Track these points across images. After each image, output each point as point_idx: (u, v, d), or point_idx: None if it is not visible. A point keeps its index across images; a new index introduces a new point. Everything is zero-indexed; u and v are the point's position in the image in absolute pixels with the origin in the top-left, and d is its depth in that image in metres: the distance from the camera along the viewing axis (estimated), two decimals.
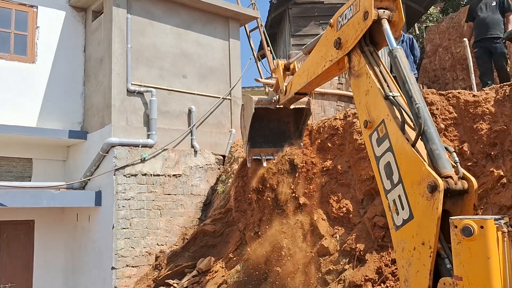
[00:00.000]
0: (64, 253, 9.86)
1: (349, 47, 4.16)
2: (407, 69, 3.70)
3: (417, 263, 3.20)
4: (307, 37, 16.66)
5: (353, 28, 4.09)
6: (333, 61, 4.47)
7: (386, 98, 3.67)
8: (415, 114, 3.45)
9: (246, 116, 6.66)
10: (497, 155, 5.49)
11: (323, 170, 7.09)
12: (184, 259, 7.92)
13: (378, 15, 3.85)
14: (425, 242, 3.15)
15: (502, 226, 2.77)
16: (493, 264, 2.70)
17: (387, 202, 3.54)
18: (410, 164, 3.33)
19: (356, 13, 4.02)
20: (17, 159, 9.56)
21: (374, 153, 3.74)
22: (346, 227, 6.46)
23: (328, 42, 4.53)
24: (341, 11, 4.30)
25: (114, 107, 8.63)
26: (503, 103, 5.61)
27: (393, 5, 3.95)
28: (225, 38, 10.51)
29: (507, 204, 5.20)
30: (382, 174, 3.62)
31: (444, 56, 12.55)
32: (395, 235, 3.43)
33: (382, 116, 3.64)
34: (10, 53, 9.18)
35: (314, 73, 4.97)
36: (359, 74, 4.04)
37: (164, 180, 8.92)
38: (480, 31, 7.88)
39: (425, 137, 3.37)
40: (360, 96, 3.98)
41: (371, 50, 4.07)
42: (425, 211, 3.15)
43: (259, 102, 6.40)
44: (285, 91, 6.05)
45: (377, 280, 5.61)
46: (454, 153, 3.40)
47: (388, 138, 3.56)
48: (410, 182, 3.31)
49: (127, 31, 8.97)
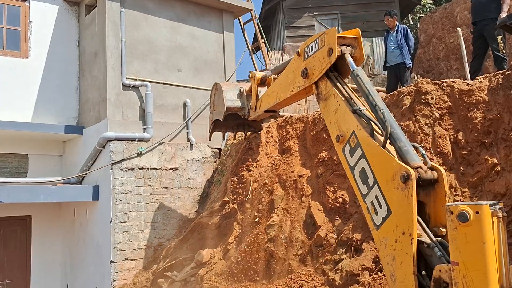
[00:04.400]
0: (62, 248, 9.87)
1: (315, 78, 4.51)
2: (369, 84, 4.04)
3: (400, 254, 3.32)
4: (301, 29, 16.66)
5: (319, 62, 4.42)
6: (300, 88, 4.83)
7: (354, 112, 3.98)
8: (381, 120, 3.72)
9: (216, 103, 7.19)
10: (491, 143, 5.55)
11: (319, 161, 7.13)
12: (183, 252, 7.96)
13: (341, 52, 4.23)
14: (405, 231, 3.28)
15: (497, 211, 2.82)
16: (489, 248, 2.75)
17: (365, 206, 3.73)
18: (383, 163, 3.54)
19: (322, 48, 4.36)
20: (13, 155, 9.53)
21: (348, 164, 3.97)
22: (342, 217, 6.51)
23: (296, 69, 4.88)
24: (308, 42, 4.65)
25: (109, 101, 8.62)
26: (497, 91, 5.67)
27: (355, 42, 4.33)
28: (219, 31, 10.49)
29: (501, 191, 5.27)
30: (358, 181, 3.84)
31: (438, 46, 12.60)
32: (377, 235, 3.59)
33: (352, 128, 3.91)
34: (3, 48, 9.12)
35: (283, 96, 5.33)
36: (327, 97, 4.35)
37: (161, 174, 8.94)
38: (473, 15, 7.92)
39: (393, 138, 3.65)
40: (330, 116, 4.26)
41: (336, 75, 4.39)
42: (402, 202, 3.31)
43: (229, 109, 6.86)
44: (255, 108, 6.31)
45: (374, 269, 5.68)
46: (420, 148, 3.65)
47: (360, 146, 3.81)
48: (385, 180, 3.50)
49: (121, 25, 8.93)
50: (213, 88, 7.48)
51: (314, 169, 7.17)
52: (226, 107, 6.77)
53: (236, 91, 6.93)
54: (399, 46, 8.40)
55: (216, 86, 7.27)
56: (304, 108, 11.73)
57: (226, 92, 6.87)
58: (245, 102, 6.82)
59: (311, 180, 7.12)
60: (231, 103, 6.80)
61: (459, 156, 5.77)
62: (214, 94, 7.39)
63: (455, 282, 2.84)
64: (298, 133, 7.71)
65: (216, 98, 7.27)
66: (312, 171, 7.19)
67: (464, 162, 5.71)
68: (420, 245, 3.28)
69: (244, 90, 6.81)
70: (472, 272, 2.78)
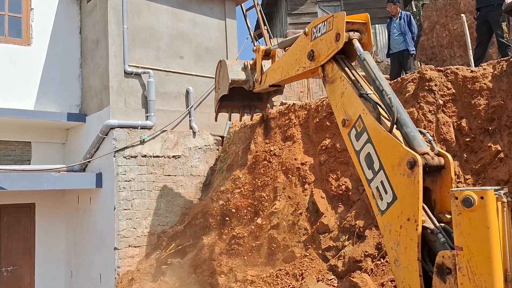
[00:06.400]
0: (66, 235, 9.94)
1: (322, 61, 4.42)
2: (376, 68, 3.96)
3: (404, 240, 3.32)
4: (303, 16, 16.54)
5: (326, 46, 4.34)
6: (306, 69, 4.76)
7: (361, 96, 3.92)
8: (388, 105, 3.67)
9: (221, 80, 7.10)
10: (494, 130, 5.54)
11: (321, 148, 7.13)
12: (186, 239, 8.01)
13: (349, 37, 4.15)
14: (410, 217, 3.28)
15: (501, 197, 2.83)
16: (493, 233, 2.77)
17: (370, 191, 3.72)
18: (389, 149, 3.52)
19: (329, 31, 4.27)
20: (16, 142, 9.55)
21: (354, 148, 3.93)
22: (345, 205, 6.53)
23: (302, 48, 4.79)
24: (316, 23, 4.55)
25: (112, 89, 8.61)
26: (501, 78, 5.64)
27: (363, 28, 4.23)
28: (221, 18, 10.42)
29: (504, 178, 5.27)
30: (363, 166, 3.81)
31: (441, 33, 12.52)
32: (381, 220, 3.58)
33: (359, 112, 3.86)
34: (5, 36, 9.08)
35: (288, 73, 5.23)
36: (333, 80, 4.27)
37: (164, 162, 8.95)
38: (477, 0, 7.87)
39: (399, 123, 3.62)
40: (336, 99, 4.20)
41: (343, 57, 4.31)
42: (407, 188, 3.30)
43: (234, 82, 6.73)
44: (260, 81, 6.23)
45: (376, 256, 5.71)
46: (427, 134, 3.63)
47: (366, 131, 3.77)
48: (391, 166, 3.48)
49: (123, 12, 8.87)
50: (217, 66, 7.41)
51: (317, 157, 7.18)
52: (230, 79, 6.70)
53: (240, 65, 6.88)
54: (403, 33, 8.35)
55: (221, 63, 7.22)
56: (307, 96, 11.71)
57: (231, 67, 6.81)
58: (249, 75, 6.72)
59: (314, 168, 7.13)
60: (235, 75, 6.72)
61: (462, 143, 5.77)
62: (218, 72, 7.33)
63: (459, 266, 2.86)
64: (301, 121, 7.70)
65: (221, 75, 7.21)
66: (315, 158, 7.20)
67: (467, 149, 5.71)
68: (424, 231, 3.28)
69: (249, 64, 6.76)
70: (476, 257, 2.80)
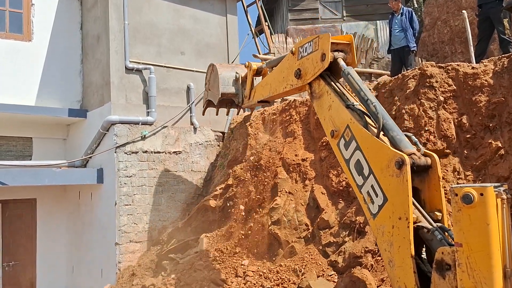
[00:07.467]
0: (67, 231, 9.98)
1: (308, 79, 4.58)
2: (360, 81, 4.14)
3: (397, 239, 3.37)
4: (304, 12, 16.51)
5: (312, 65, 4.51)
6: (293, 86, 4.93)
7: (347, 107, 4.06)
8: (373, 113, 3.81)
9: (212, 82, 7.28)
10: (495, 127, 5.55)
11: (322, 144, 7.15)
12: (186, 234, 8.04)
13: (334, 57, 4.31)
14: (401, 216, 3.34)
15: (501, 193, 2.84)
16: (493, 230, 2.78)
17: (362, 197, 3.79)
18: (377, 152, 3.62)
19: (315, 51, 4.45)
20: (17, 138, 9.57)
21: (343, 158, 4.03)
22: (345, 201, 6.55)
23: (289, 66, 4.96)
24: (302, 42, 4.71)
25: (113, 84, 8.62)
26: (502, 75, 5.64)
27: (348, 48, 4.43)
28: (222, 14, 10.41)
29: (504, 175, 5.28)
30: (353, 173, 3.90)
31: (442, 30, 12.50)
32: (374, 223, 3.64)
33: (346, 122, 3.99)
34: (6, 31, 9.09)
35: (276, 90, 5.38)
36: (320, 95, 4.43)
37: (165, 157, 8.97)
38: None
39: (385, 128, 3.75)
40: (324, 113, 4.35)
41: (329, 73, 4.46)
42: (397, 188, 3.37)
43: (224, 95, 6.91)
44: (249, 96, 6.33)
45: (377, 251, 5.73)
46: (413, 136, 3.73)
47: (354, 139, 3.89)
48: (380, 168, 3.57)
49: (124, 8, 8.87)
50: (209, 67, 7.52)
51: (317, 153, 7.19)
52: (220, 92, 6.85)
53: (232, 73, 6.92)
54: (404, 29, 8.34)
55: (212, 67, 7.26)
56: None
57: (222, 76, 6.87)
58: (239, 89, 6.85)
59: (314, 164, 7.15)
60: (225, 89, 6.85)
61: (463, 140, 5.77)
62: (210, 74, 7.44)
63: (459, 263, 2.88)
64: (302, 117, 7.71)
65: (212, 79, 7.31)
66: (316, 154, 7.21)
67: (468, 146, 5.72)
68: (420, 231, 3.33)
69: (240, 76, 6.81)
70: (476, 253, 2.81)
